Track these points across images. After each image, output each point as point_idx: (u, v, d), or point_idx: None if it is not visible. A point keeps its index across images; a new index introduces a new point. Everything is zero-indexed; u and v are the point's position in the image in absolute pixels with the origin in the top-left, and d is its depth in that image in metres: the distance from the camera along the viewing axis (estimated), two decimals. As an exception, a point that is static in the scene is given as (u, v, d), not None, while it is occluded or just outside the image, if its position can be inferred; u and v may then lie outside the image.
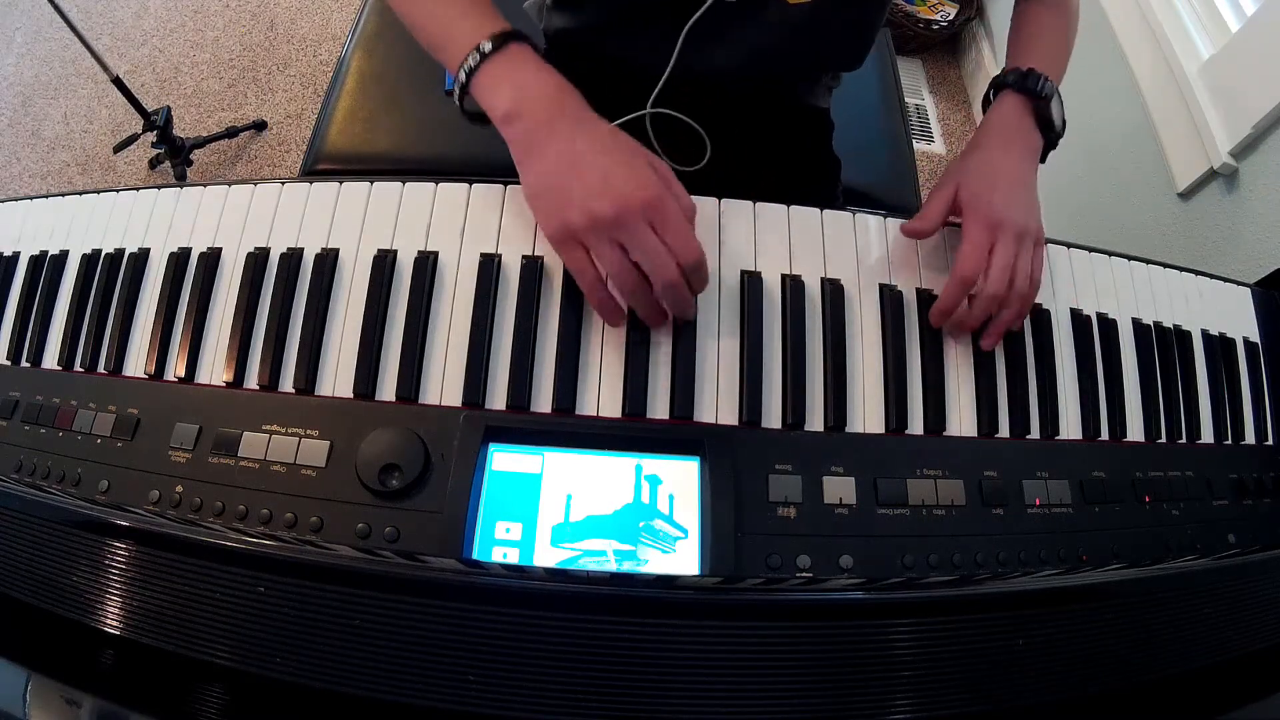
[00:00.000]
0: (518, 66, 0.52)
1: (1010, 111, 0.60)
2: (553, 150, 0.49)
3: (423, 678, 0.32)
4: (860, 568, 0.47)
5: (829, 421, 0.51)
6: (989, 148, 0.59)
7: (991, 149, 0.58)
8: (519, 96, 0.51)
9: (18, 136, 1.82)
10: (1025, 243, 0.54)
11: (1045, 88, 0.59)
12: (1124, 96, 1.32)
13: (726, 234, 0.55)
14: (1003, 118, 0.60)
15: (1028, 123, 0.60)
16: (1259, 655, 0.40)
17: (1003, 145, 0.59)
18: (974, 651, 0.35)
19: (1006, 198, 0.55)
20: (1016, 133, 0.59)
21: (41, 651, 0.36)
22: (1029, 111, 0.60)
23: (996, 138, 0.59)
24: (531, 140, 0.50)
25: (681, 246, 0.47)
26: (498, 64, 0.51)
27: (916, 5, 1.97)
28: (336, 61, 1.06)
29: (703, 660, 0.33)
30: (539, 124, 0.50)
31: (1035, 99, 0.59)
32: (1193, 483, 0.55)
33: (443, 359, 0.51)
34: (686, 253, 0.48)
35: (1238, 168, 1.08)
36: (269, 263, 0.54)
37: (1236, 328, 0.63)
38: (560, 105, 0.51)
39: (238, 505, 0.46)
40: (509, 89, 0.51)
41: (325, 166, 0.96)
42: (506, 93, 0.51)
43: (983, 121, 0.62)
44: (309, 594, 0.34)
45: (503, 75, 0.51)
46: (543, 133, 0.50)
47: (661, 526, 0.47)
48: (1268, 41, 1.01)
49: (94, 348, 0.54)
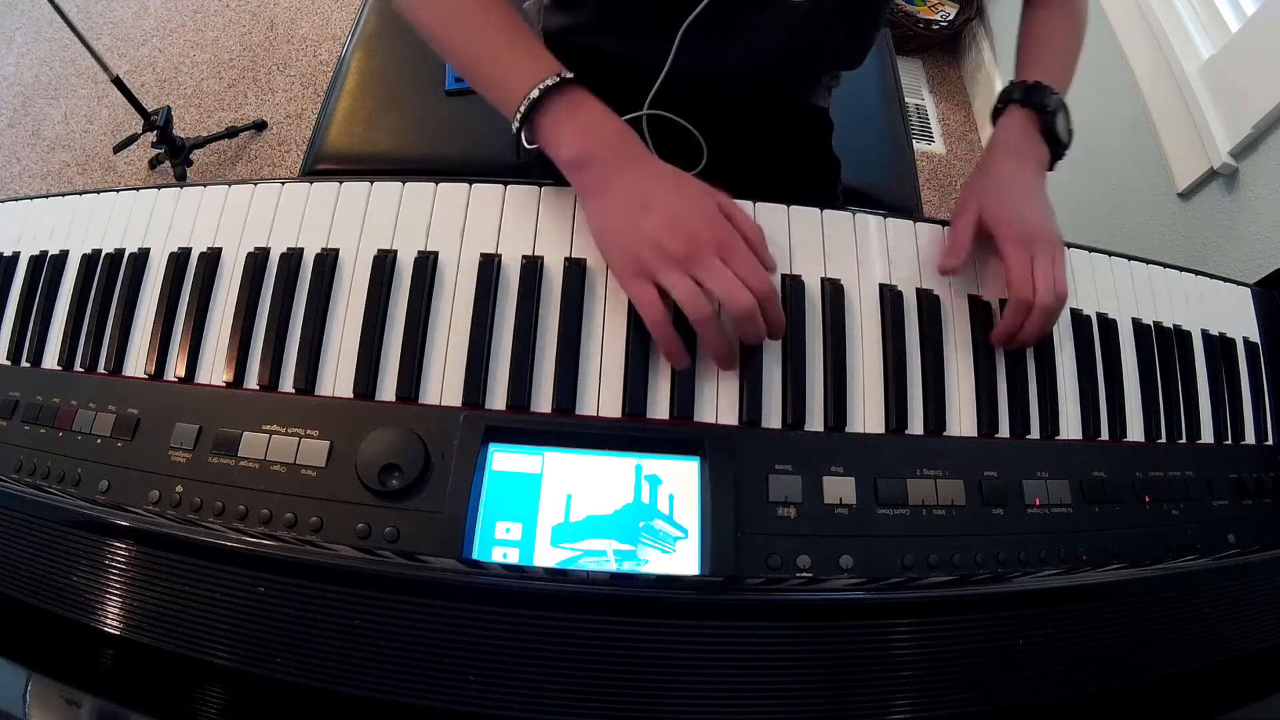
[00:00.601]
0: (577, 109, 0.53)
1: (1017, 127, 0.61)
2: (620, 190, 0.51)
3: (423, 678, 0.32)
4: (860, 568, 0.47)
5: (829, 421, 0.51)
6: (1003, 167, 0.60)
7: (1005, 168, 0.60)
8: (585, 139, 0.52)
9: (18, 136, 1.82)
10: (1058, 251, 0.56)
11: (1051, 101, 0.60)
12: (1124, 96, 1.32)
13: (726, 234, 0.55)
14: (1010, 134, 0.61)
15: (1035, 137, 0.61)
16: (1259, 655, 0.40)
17: (1016, 162, 0.60)
18: (974, 651, 0.35)
19: (1031, 212, 0.57)
20: (1025, 148, 0.61)
21: (41, 651, 0.36)
22: (1036, 126, 0.61)
23: (1008, 156, 0.60)
24: (601, 182, 0.52)
25: (751, 276, 0.48)
26: (559, 106, 0.52)
27: (916, 5, 1.97)
28: (336, 61, 1.06)
29: (703, 660, 0.33)
30: (607, 166, 0.52)
31: (1041, 113, 0.60)
32: (1193, 483, 0.55)
33: (443, 359, 0.51)
34: (757, 282, 0.48)
35: (1238, 168, 1.08)
36: (269, 263, 0.54)
37: (1236, 328, 0.63)
38: (625, 147, 0.53)
39: (238, 505, 0.46)
40: (573, 132, 0.52)
41: (325, 166, 0.96)
42: (571, 136, 0.52)
43: (991, 138, 0.63)
44: (309, 594, 0.34)
45: (564, 117, 0.52)
46: (611, 174, 0.52)
47: (661, 526, 0.47)
48: (1268, 41, 1.01)
49: (94, 348, 0.54)
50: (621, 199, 0.51)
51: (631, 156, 0.53)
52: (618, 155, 0.52)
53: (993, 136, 0.63)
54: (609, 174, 0.52)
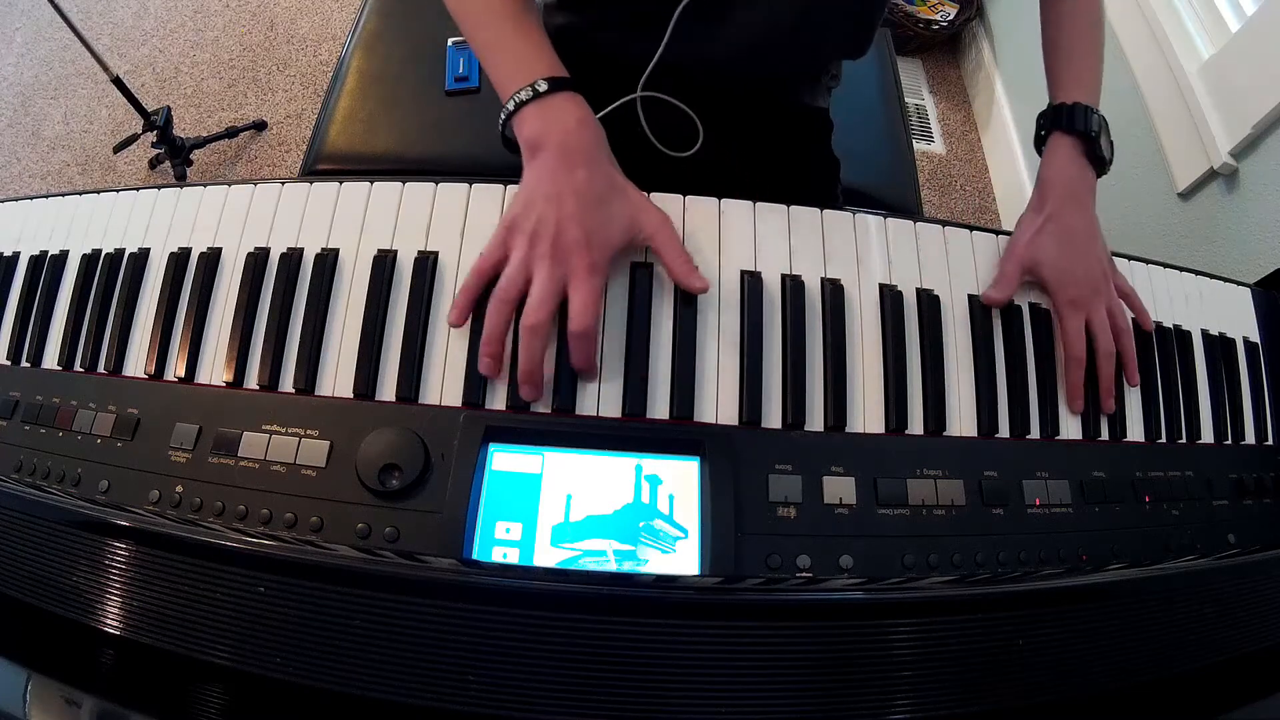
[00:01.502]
0: (562, 110, 0.54)
1: (1068, 161, 0.61)
2: (548, 174, 0.51)
3: (423, 678, 0.32)
4: (860, 568, 0.47)
5: (829, 421, 0.51)
6: (1061, 214, 0.59)
7: (1064, 216, 0.59)
8: (545, 124, 0.53)
9: (18, 136, 1.82)
10: (1110, 294, 0.58)
11: (1095, 123, 0.61)
12: (1124, 96, 1.32)
13: (726, 234, 0.55)
14: (1063, 170, 0.61)
15: (1085, 167, 0.61)
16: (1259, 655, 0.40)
17: (1073, 206, 0.60)
18: (974, 651, 0.35)
19: (1087, 265, 0.58)
20: (1079, 184, 0.61)
21: (41, 651, 0.36)
22: (1083, 154, 0.61)
23: (1064, 199, 0.60)
24: (540, 163, 0.52)
25: (578, 312, 0.48)
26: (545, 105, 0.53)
27: (916, 5, 1.97)
28: (336, 61, 1.06)
29: (703, 660, 0.33)
30: (553, 152, 0.52)
31: (1087, 140, 0.61)
32: (1193, 483, 0.55)
33: (443, 359, 0.51)
34: (578, 320, 0.48)
35: (1238, 168, 1.08)
36: (269, 263, 0.54)
37: (1236, 328, 0.63)
38: (578, 141, 0.53)
39: (238, 505, 0.46)
40: (536, 114, 0.53)
41: (325, 166, 0.96)
42: (533, 116, 0.53)
43: (1041, 172, 0.63)
44: (309, 594, 0.34)
45: (545, 114, 0.53)
46: (552, 160, 0.52)
47: (661, 526, 0.47)
48: (1268, 41, 1.01)
49: (94, 348, 0.54)
50: (547, 182, 0.51)
51: (579, 150, 0.52)
52: (563, 146, 0.52)
53: (1042, 170, 0.63)
54: (549, 158, 0.52)
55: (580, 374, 0.50)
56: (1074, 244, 0.58)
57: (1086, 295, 0.57)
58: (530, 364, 0.48)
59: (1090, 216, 0.61)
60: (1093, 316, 0.56)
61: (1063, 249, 0.58)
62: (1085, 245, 0.59)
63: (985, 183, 1.89)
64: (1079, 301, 0.56)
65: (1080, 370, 0.55)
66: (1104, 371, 0.56)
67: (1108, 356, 0.56)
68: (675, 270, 0.52)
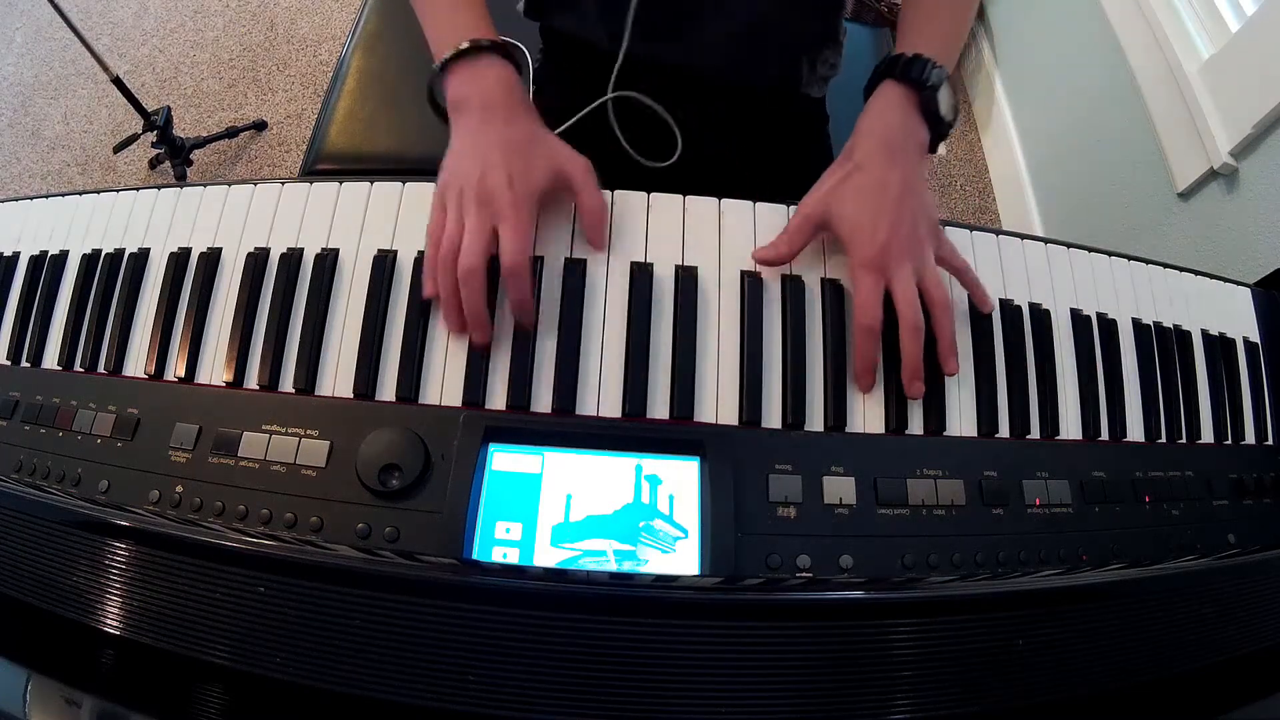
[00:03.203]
0: (484, 70, 0.55)
1: (891, 108, 0.55)
2: (470, 132, 0.54)
3: (423, 678, 0.32)
4: (860, 568, 0.47)
5: (829, 421, 0.51)
6: (870, 165, 0.53)
7: (872, 167, 0.53)
8: (469, 90, 0.55)
9: (18, 136, 1.82)
10: (922, 258, 0.51)
11: (932, 76, 0.54)
12: (1124, 96, 1.32)
13: (726, 233, 0.55)
14: (881, 117, 0.55)
15: (913, 120, 0.55)
16: (1259, 655, 0.40)
17: (885, 157, 0.53)
18: (974, 651, 0.35)
19: (892, 222, 0.51)
20: (899, 133, 0.55)
21: (41, 651, 0.36)
22: (914, 105, 0.55)
23: (876, 149, 0.54)
24: (464, 122, 0.54)
25: (507, 250, 0.49)
26: (469, 66, 0.55)
27: (916, 5, 1.97)
28: (336, 61, 1.06)
29: (703, 660, 0.33)
30: (475, 111, 0.54)
31: (921, 89, 0.55)
32: (1193, 483, 0.55)
33: (443, 359, 0.51)
34: (509, 256, 0.49)
35: (1238, 168, 1.08)
36: (269, 263, 0.54)
37: (1236, 328, 0.63)
38: (498, 97, 0.54)
39: (238, 505, 0.46)
40: (461, 77, 0.55)
41: (325, 166, 0.96)
42: (458, 79, 0.55)
43: (860, 123, 0.56)
44: (309, 594, 0.34)
45: (468, 75, 0.55)
46: (474, 119, 0.54)
47: (661, 526, 0.47)
48: (1268, 41, 1.01)
49: (94, 348, 0.54)
50: (468, 143, 0.53)
51: (499, 105, 0.54)
52: (484, 104, 0.54)
53: (861, 118, 0.56)
54: (470, 117, 0.54)
55: (519, 319, 0.51)
56: (879, 198, 0.52)
57: (887, 258, 0.50)
58: (473, 309, 0.49)
59: (908, 172, 0.53)
60: (894, 283, 0.50)
61: (863, 202, 0.52)
62: (895, 201, 0.52)
63: (985, 183, 1.89)
64: (875, 263, 0.50)
65: (869, 342, 0.50)
66: (907, 349, 0.50)
67: (911, 331, 0.50)
68: (586, 210, 0.53)
